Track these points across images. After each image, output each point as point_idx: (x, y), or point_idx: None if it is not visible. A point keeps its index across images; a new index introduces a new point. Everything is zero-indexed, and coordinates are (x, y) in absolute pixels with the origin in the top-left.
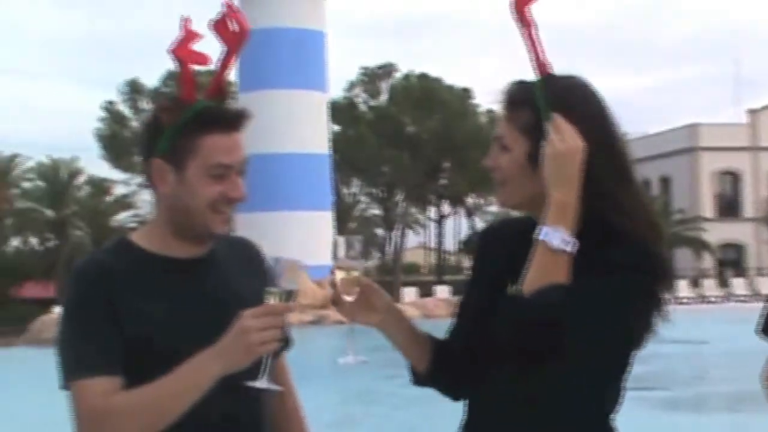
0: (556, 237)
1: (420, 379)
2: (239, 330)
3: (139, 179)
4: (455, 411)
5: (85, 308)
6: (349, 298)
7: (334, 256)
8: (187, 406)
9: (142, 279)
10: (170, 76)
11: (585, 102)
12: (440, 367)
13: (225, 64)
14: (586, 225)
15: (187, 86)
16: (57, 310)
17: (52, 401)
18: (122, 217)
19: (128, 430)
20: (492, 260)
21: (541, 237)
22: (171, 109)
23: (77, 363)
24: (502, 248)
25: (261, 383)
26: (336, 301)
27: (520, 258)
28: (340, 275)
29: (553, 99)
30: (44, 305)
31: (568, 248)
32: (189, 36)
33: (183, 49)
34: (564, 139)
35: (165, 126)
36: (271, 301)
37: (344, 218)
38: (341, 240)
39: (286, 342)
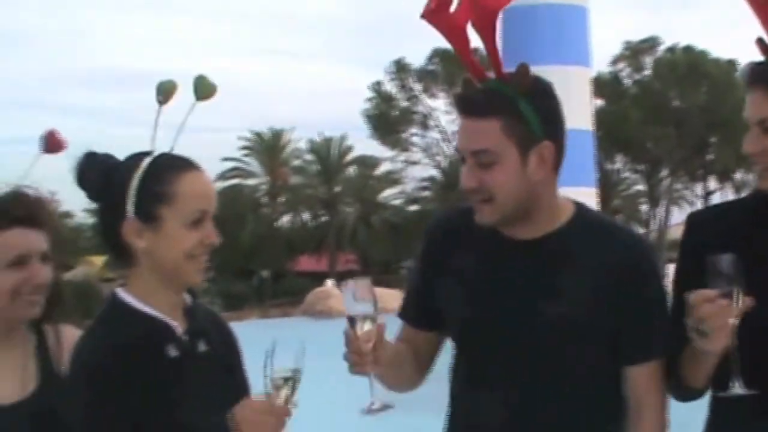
0: None
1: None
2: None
3: (404, 156)
4: None
5: None
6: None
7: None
8: None
9: None
10: (435, 55)
11: None
12: None
13: (489, 47)
14: None
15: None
16: (329, 283)
17: (321, 366)
18: (388, 193)
19: None
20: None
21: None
22: None
23: None
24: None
25: None
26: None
27: None
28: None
29: None
30: (317, 278)
31: None
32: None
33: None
34: None
35: None
36: (358, 329)
37: (608, 195)
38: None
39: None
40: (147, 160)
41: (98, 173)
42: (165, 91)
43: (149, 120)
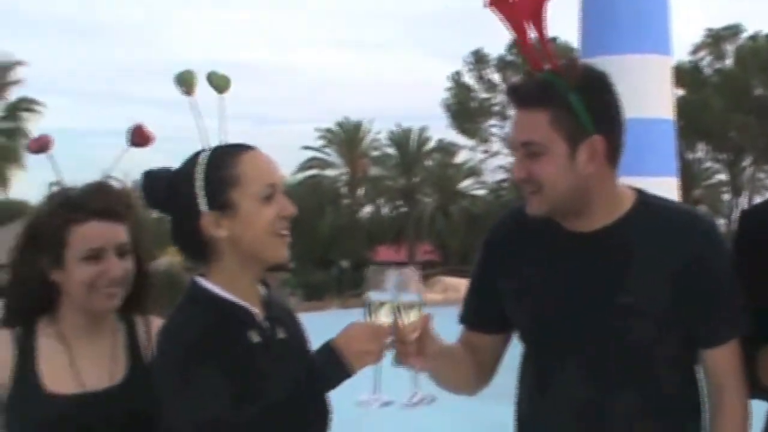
0: None
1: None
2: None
3: (484, 147)
4: None
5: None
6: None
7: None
8: None
9: None
10: (513, 45)
11: None
12: None
13: (540, 36)
14: None
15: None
16: None
17: None
18: (467, 183)
19: None
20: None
21: None
22: None
23: None
24: None
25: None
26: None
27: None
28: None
29: None
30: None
31: None
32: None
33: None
34: None
35: None
36: (405, 318)
37: (690, 185)
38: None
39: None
40: (204, 155)
41: (162, 186)
42: (185, 82)
43: (231, 111)
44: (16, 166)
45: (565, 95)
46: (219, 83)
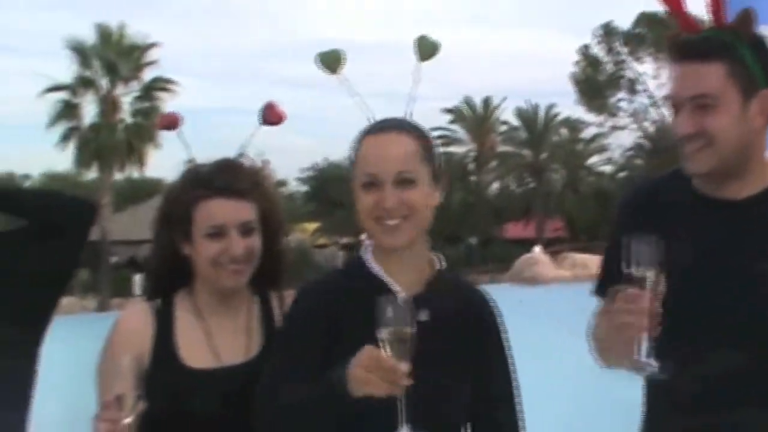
0: None
1: None
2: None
3: (611, 122)
4: None
5: None
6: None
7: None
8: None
9: None
10: (642, 19)
11: None
12: None
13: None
14: None
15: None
16: (536, 250)
17: (533, 332)
18: (596, 159)
19: None
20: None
21: None
22: None
23: None
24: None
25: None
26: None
27: None
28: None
29: None
30: (524, 245)
31: None
32: None
33: None
34: None
35: None
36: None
37: None
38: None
39: None
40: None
41: None
42: (330, 61)
43: (364, 90)
44: (152, 145)
45: (737, 48)
46: (427, 49)
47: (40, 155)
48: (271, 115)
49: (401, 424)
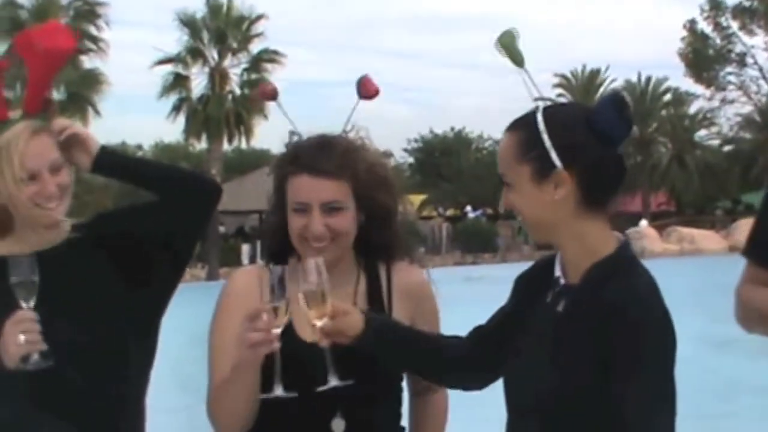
0: None
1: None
2: None
3: (720, 95)
4: None
5: None
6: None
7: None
8: None
9: None
10: None
11: None
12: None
13: None
14: None
15: None
16: (643, 224)
17: None
18: (702, 133)
19: None
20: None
21: None
22: None
23: None
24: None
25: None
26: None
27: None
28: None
29: None
30: (630, 219)
31: None
32: None
33: None
34: None
35: None
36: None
37: None
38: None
39: None
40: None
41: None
42: (507, 45)
43: (466, 62)
44: (260, 116)
45: None
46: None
47: (152, 126)
48: (364, 88)
49: (330, 375)
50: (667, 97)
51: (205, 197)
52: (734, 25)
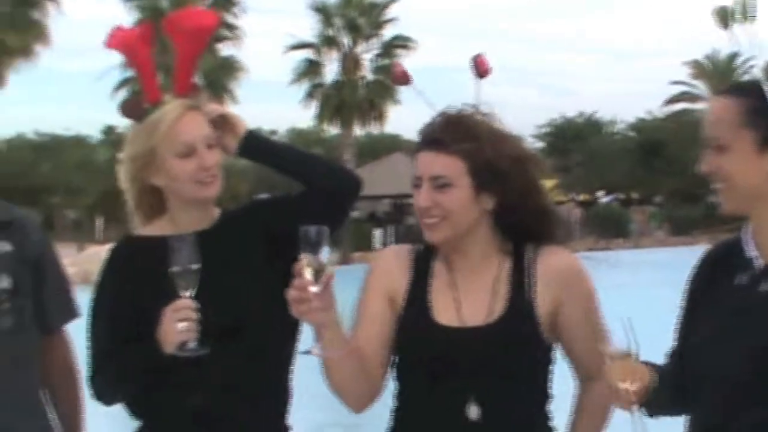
0: None
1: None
2: None
3: None
4: None
5: None
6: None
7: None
8: None
9: None
10: None
11: None
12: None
13: None
14: None
15: None
16: None
17: None
18: None
19: None
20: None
21: None
22: None
23: None
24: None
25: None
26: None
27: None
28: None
29: None
30: None
31: None
32: None
33: None
34: None
35: None
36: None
37: None
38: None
39: None
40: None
41: None
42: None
43: (593, 46)
44: (391, 102)
45: None
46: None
47: (286, 112)
48: (477, 67)
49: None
50: None
51: (348, 189)
52: None
